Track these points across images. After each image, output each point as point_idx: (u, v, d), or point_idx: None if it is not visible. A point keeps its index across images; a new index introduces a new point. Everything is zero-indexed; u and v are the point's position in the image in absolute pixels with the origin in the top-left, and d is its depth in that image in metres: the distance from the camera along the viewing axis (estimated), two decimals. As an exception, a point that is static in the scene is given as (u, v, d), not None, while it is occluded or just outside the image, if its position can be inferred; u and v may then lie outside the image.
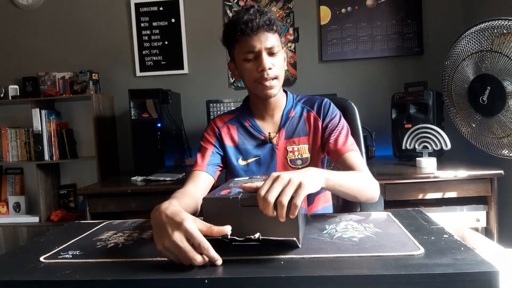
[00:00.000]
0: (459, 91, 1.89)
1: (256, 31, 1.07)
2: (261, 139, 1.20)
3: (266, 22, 1.07)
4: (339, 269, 0.63)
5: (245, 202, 0.74)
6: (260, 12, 1.08)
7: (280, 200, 0.69)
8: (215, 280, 0.61)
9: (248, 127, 1.22)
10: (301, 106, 1.24)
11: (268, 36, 1.09)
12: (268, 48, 1.09)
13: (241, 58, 1.12)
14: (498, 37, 1.65)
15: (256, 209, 0.71)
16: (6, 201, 2.66)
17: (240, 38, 1.09)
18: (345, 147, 1.13)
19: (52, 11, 2.74)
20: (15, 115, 2.72)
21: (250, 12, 1.08)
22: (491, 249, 1.64)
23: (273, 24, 1.08)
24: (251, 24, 1.06)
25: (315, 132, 1.21)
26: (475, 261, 0.62)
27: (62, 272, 0.67)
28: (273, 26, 1.09)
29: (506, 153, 1.72)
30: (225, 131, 1.23)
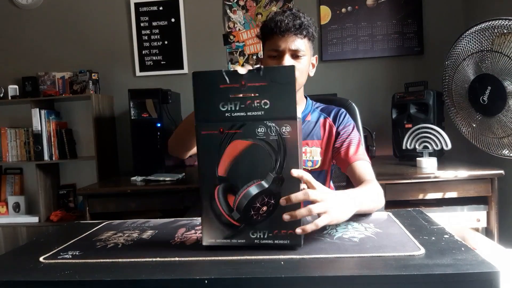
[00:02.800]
0: (460, 91, 1.89)
1: (284, 32, 1.12)
2: None
3: (295, 26, 1.12)
4: (339, 269, 0.63)
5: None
6: (294, 15, 1.13)
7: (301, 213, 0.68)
8: (215, 280, 0.61)
9: None
10: (318, 113, 1.29)
11: (296, 39, 1.13)
12: (293, 50, 1.13)
13: (267, 54, 1.17)
14: (498, 37, 1.65)
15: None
16: (6, 201, 2.66)
17: (269, 36, 1.14)
18: (355, 156, 1.16)
19: (52, 11, 2.74)
20: (15, 115, 2.72)
21: (285, 14, 1.14)
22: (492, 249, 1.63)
23: (303, 29, 1.13)
24: (280, 25, 1.11)
25: (329, 138, 1.24)
26: (475, 261, 0.62)
27: (61, 272, 0.67)
28: (302, 31, 1.13)
29: (506, 153, 1.71)
30: None
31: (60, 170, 2.76)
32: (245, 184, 0.70)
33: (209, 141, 0.70)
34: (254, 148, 0.69)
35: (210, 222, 0.72)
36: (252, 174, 0.70)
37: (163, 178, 2.04)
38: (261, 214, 0.70)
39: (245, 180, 0.70)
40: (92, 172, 2.53)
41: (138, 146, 2.27)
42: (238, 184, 0.70)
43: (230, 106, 0.69)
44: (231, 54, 2.64)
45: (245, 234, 0.72)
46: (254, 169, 0.69)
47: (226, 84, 0.69)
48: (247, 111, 0.68)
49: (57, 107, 2.72)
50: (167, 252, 0.74)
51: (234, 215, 0.71)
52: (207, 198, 0.72)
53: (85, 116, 2.68)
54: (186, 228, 0.91)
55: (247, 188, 0.70)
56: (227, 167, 0.70)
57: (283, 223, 0.69)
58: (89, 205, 2.01)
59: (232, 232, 0.72)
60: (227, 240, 0.73)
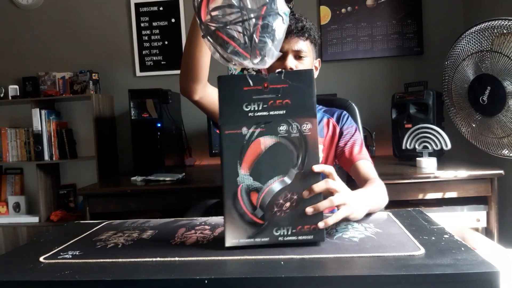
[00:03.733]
0: (459, 91, 1.89)
1: (287, 34, 1.17)
2: None
3: (298, 28, 1.17)
4: (339, 269, 0.63)
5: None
6: (296, 19, 1.19)
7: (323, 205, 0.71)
8: (215, 280, 0.61)
9: None
10: (321, 113, 1.33)
11: (298, 41, 1.18)
12: (295, 51, 1.18)
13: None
14: (498, 37, 1.65)
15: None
16: (6, 201, 2.66)
17: None
18: (359, 155, 1.20)
19: (52, 11, 2.74)
20: (15, 115, 2.72)
21: (289, 17, 1.15)
22: (492, 249, 1.64)
23: (305, 31, 1.18)
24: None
25: (332, 136, 1.28)
26: (475, 261, 0.62)
27: (62, 272, 0.67)
28: (304, 33, 1.18)
29: (506, 153, 1.72)
30: None
31: (60, 170, 2.76)
32: (268, 181, 0.71)
33: (232, 140, 0.71)
34: (276, 145, 0.71)
35: (233, 222, 0.72)
36: (274, 171, 0.71)
37: (163, 178, 2.04)
38: (284, 210, 0.71)
39: (268, 177, 0.71)
40: (92, 172, 2.53)
41: (138, 146, 2.27)
42: (261, 182, 0.71)
43: (253, 106, 0.71)
44: (231, 54, 2.64)
45: (269, 232, 0.72)
46: (276, 166, 0.71)
47: (249, 87, 0.71)
48: (270, 111, 0.71)
49: (57, 107, 2.72)
50: (167, 252, 0.74)
51: (257, 213, 0.71)
52: (230, 197, 0.72)
53: (85, 116, 2.68)
54: (186, 228, 0.91)
55: (270, 185, 0.71)
56: (250, 165, 0.71)
57: (306, 218, 0.71)
58: (89, 205, 2.01)
59: (256, 230, 0.72)
60: (250, 240, 0.72)
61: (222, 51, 0.71)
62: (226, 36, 0.69)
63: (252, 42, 0.68)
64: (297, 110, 0.71)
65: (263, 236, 0.72)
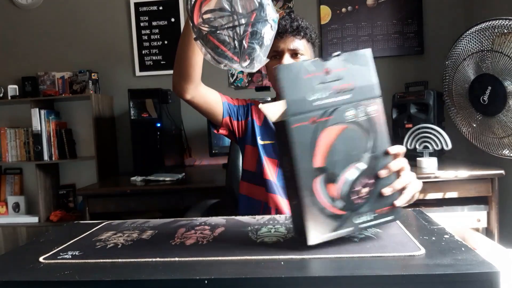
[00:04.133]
0: (460, 91, 1.89)
1: (282, 34, 1.18)
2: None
3: (293, 27, 1.18)
4: (339, 269, 0.63)
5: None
6: (292, 19, 1.19)
7: (400, 183, 0.74)
8: (215, 280, 0.61)
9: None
10: None
11: (294, 40, 1.18)
12: (291, 50, 1.18)
13: (269, 56, 1.18)
14: (498, 36, 1.65)
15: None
16: (6, 201, 2.66)
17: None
18: None
19: (52, 10, 2.74)
20: (15, 115, 2.72)
21: (285, 17, 1.20)
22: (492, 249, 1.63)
23: (300, 30, 1.18)
24: (279, 27, 1.16)
25: None
26: (476, 261, 0.62)
27: (61, 272, 0.67)
28: (300, 32, 1.18)
29: (507, 153, 1.71)
30: (255, 109, 1.32)
31: (60, 170, 2.76)
32: (343, 170, 0.69)
33: (301, 133, 0.67)
34: (346, 132, 0.69)
35: (315, 219, 0.68)
36: (348, 159, 0.69)
37: (163, 178, 2.04)
38: (362, 196, 0.70)
39: (342, 166, 0.69)
40: (91, 172, 2.53)
41: (138, 146, 2.27)
42: (336, 172, 0.68)
43: (317, 94, 0.68)
44: (231, 54, 2.64)
45: (350, 222, 0.70)
46: (349, 153, 0.69)
47: (309, 74, 0.68)
48: (335, 97, 0.68)
49: (56, 107, 2.72)
50: (167, 252, 0.74)
51: (337, 204, 0.69)
52: (308, 194, 0.67)
53: (85, 116, 2.68)
54: (186, 228, 0.91)
55: (345, 173, 0.69)
56: (323, 157, 0.68)
57: (384, 200, 0.72)
58: (89, 205, 2.01)
59: (338, 222, 0.70)
60: (334, 233, 0.70)
61: (213, 54, 0.72)
62: (217, 40, 0.70)
63: (241, 47, 0.69)
64: (361, 93, 0.69)
65: (346, 226, 0.70)
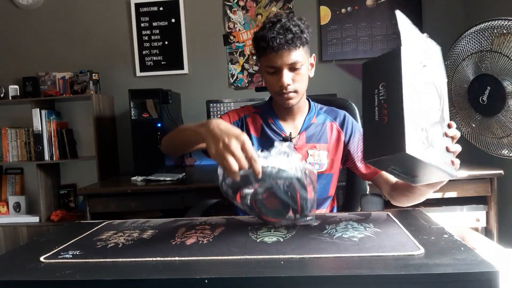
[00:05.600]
0: (459, 91, 1.89)
1: (278, 50, 1.08)
2: (281, 137, 1.23)
3: (288, 41, 1.07)
4: (339, 269, 0.63)
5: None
6: (285, 28, 1.08)
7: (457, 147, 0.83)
8: (215, 280, 0.61)
9: (271, 124, 1.25)
10: (323, 115, 1.29)
11: (291, 53, 1.09)
12: (290, 64, 1.11)
13: (263, 69, 1.17)
14: (498, 37, 1.65)
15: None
16: (6, 201, 2.66)
17: (263, 52, 1.12)
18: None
19: (52, 11, 2.74)
20: (15, 115, 2.72)
21: (276, 28, 1.08)
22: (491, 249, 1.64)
23: (297, 40, 1.09)
24: (272, 44, 1.07)
25: (337, 143, 1.25)
26: (475, 261, 0.62)
27: (62, 272, 0.67)
28: (296, 43, 1.09)
29: (506, 153, 1.72)
30: (250, 120, 1.27)
31: (61, 170, 2.76)
32: (429, 110, 0.76)
33: (410, 64, 0.73)
34: (430, 87, 0.78)
35: (413, 131, 0.70)
36: (432, 103, 0.78)
37: (163, 178, 2.04)
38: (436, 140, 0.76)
39: (429, 105, 0.76)
40: (92, 172, 2.53)
41: (138, 146, 2.27)
42: (425, 109, 0.75)
43: (420, 47, 0.78)
44: (231, 54, 2.64)
45: (432, 154, 0.73)
46: (432, 101, 0.78)
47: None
48: (427, 58, 0.79)
49: (57, 107, 2.72)
50: (167, 252, 0.74)
51: (424, 133, 0.73)
52: (408, 113, 0.70)
53: (85, 116, 2.68)
54: (186, 228, 0.91)
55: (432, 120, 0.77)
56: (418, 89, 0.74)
57: (447, 154, 0.81)
58: (90, 205, 2.01)
59: (425, 146, 0.72)
60: (421, 155, 0.70)
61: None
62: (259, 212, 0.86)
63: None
64: (439, 68, 0.83)
65: (426, 155, 0.72)
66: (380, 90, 0.74)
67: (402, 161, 0.72)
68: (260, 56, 1.16)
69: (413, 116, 0.70)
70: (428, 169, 0.75)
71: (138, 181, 2.08)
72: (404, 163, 0.73)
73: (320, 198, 1.22)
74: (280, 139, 1.22)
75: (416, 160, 0.69)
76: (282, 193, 0.79)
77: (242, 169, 0.75)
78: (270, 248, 0.73)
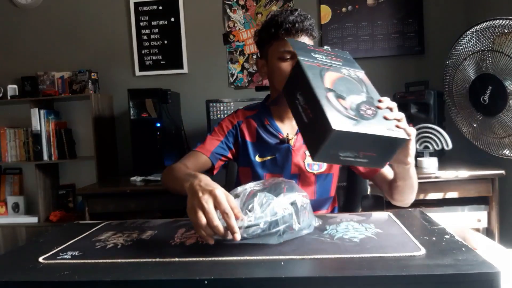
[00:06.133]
0: (460, 91, 1.89)
1: (298, 33, 1.13)
2: (278, 139, 1.22)
3: (309, 27, 1.14)
4: (339, 269, 0.63)
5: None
6: (304, 16, 1.14)
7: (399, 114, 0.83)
8: (215, 280, 0.61)
9: (267, 126, 1.24)
10: None
11: (308, 40, 1.14)
12: None
13: (276, 56, 1.15)
14: (499, 36, 1.65)
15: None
16: (5, 201, 2.65)
17: (282, 36, 1.13)
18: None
19: (51, 10, 2.73)
20: (14, 115, 2.71)
21: (295, 14, 1.14)
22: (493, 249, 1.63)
23: (313, 30, 1.15)
24: (297, 26, 1.12)
25: None
26: (476, 261, 0.62)
27: (61, 272, 0.67)
28: (312, 32, 1.15)
29: (507, 153, 1.71)
30: (245, 126, 1.26)
31: (60, 170, 2.76)
32: (348, 95, 0.80)
33: (311, 67, 0.84)
34: (344, 78, 0.86)
35: (334, 112, 0.74)
36: (350, 91, 0.82)
37: (163, 178, 2.03)
38: (369, 114, 0.78)
39: (346, 93, 0.81)
40: (91, 172, 2.52)
41: (137, 146, 2.27)
42: (343, 95, 0.79)
43: (318, 56, 0.90)
44: (231, 53, 2.64)
45: (365, 126, 0.75)
46: (350, 89, 0.83)
47: (310, 47, 0.95)
48: (331, 60, 0.91)
49: (56, 107, 2.72)
50: (166, 252, 0.74)
51: (350, 112, 0.75)
52: (325, 102, 0.75)
53: (84, 116, 2.68)
54: (186, 228, 0.91)
55: (352, 96, 0.80)
56: (330, 84, 0.81)
57: (389, 121, 0.80)
58: (89, 205, 2.01)
59: (354, 122, 0.74)
60: (354, 128, 0.72)
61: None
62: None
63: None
64: (349, 64, 0.93)
65: (363, 127, 0.73)
66: (299, 98, 0.83)
67: (342, 143, 0.74)
68: (274, 41, 1.15)
69: (330, 101, 0.76)
70: (375, 141, 0.76)
71: (137, 181, 2.08)
72: (346, 144, 0.75)
73: (321, 199, 1.22)
74: (277, 142, 1.21)
75: (351, 134, 0.72)
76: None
77: (211, 225, 0.71)
78: (270, 249, 0.73)
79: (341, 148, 0.75)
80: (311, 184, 1.20)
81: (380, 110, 0.80)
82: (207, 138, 1.25)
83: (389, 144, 0.78)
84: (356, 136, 0.72)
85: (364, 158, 0.78)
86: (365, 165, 0.81)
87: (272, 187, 0.83)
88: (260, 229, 0.72)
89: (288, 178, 1.17)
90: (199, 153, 1.22)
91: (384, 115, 0.79)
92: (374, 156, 0.78)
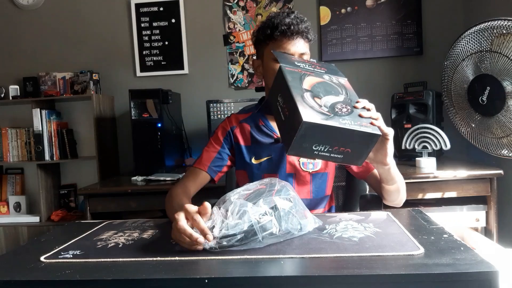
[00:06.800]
0: (459, 91, 1.89)
1: (294, 36, 1.14)
2: (273, 138, 1.22)
3: (304, 30, 1.15)
4: (339, 269, 0.64)
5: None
6: (300, 19, 1.16)
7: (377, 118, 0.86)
8: (215, 280, 0.61)
9: (261, 127, 1.25)
10: None
11: (303, 43, 1.16)
12: (301, 54, 1.15)
13: (271, 57, 1.16)
14: (497, 37, 1.65)
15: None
16: (7, 201, 2.66)
17: (278, 38, 1.14)
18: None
19: (53, 11, 2.74)
20: (16, 115, 2.72)
21: (291, 16, 1.16)
22: (491, 249, 1.64)
23: (308, 33, 1.17)
24: (292, 28, 1.13)
25: None
26: (474, 261, 0.62)
27: (62, 272, 0.67)
28: (308, 35, 1.17)
29: (505, 153, 1.72)
30: (238, 131, 1.26)
31: (61, 170, 2.76)
32: (325, 95, 0.85)
33: (292, 72, 0.89)
34: (324, 82, 0.90)
35: (306, 107, 0.78)
36: (328, 92, 0.86)
37: (163, 178, 2.04)
38: (344, 111, 0.82)
39: (324, 93, 0.85)
40: (92, 172, 2.53)
41: (138, 146, 2.27)
42: (320, 95, 0.84)
43: (301, 64, 0.95)
44: (231, 54, 2.65)
45: (337, 120, 0.78)
46: (328, 91, 0.87)
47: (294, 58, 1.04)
48: (314, 68, 0.96)
49: (58, 108, 2.72)
50: (167, 252, 0.75)
51: (323, 108, 0.80)
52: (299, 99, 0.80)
53: (86, 116, 2.68)
54: (186, 228, 0.91)
55: (327, 96, 0.85)
56: (308, 86, 0.86)
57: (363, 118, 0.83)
58: (90, 205, 2.01)
59: (326, 116, 0.78)
60: (324, 122, 0.76)
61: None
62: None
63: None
64: (332, 73, 0.96)
65: (334, 122, 0.77)
66: (279, 100, 0.88)
67: (314, 136, 0.76)
68: (270, 42, 1.16)
69: (306, 99, 0.80)
70: (347, 136, 0.78)
71: (138, 181, 2.08)
72: (318, 138, 0.77)
73: (317, 198, 1.22)
74: (271, 142, 1.22)
75: (322, 127, 0.75)
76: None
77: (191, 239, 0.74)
78: (270, 248, 0.73)
79: (313, 141, 0.77)
80: (306, 183, 1.20)
81: (357, 109, 0.84)
82: (203, 152, 1.26)
83: (362, 139, 0.80)
84: (328, 129, 0.76)
85: (339, 154, 0.80)
86: (341, 161, 0.82)
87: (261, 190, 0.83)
88: (235, 239, 0.73)
89: (284, 177, 1.18)
90: (197, 169, 1.23)
91: (359, 113, 0.83)
92: (349, 152, 0.80)
